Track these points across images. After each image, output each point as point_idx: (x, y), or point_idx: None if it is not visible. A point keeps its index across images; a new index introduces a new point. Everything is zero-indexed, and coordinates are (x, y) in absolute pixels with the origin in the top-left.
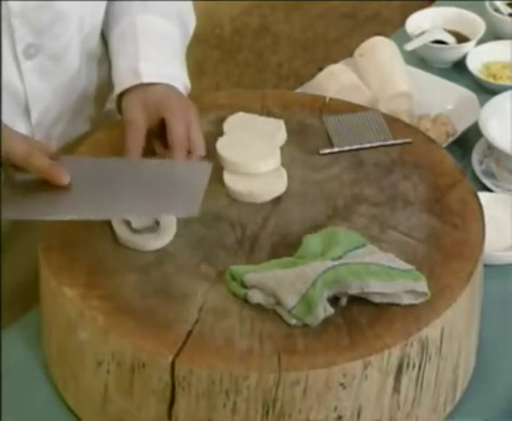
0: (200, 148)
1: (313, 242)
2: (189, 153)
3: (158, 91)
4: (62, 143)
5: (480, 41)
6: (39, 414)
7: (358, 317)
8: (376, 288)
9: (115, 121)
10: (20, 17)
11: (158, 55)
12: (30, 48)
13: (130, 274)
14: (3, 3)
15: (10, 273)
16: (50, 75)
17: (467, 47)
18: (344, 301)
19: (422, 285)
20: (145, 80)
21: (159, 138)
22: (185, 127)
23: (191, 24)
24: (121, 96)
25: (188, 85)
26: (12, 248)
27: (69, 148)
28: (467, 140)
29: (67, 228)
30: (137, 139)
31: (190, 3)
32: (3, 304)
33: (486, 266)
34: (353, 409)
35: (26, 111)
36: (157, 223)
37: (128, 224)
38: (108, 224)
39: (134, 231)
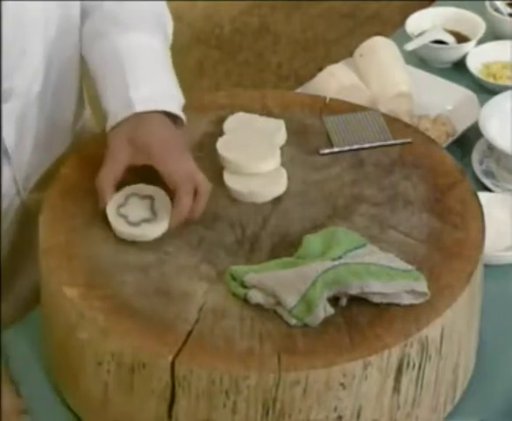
0: (205, 184)
1: (313, 242)
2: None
3: (148, 131)
4: (40, 175)
5: (480, 41)
6: (39, 414)
7: (358, 317)
8: (376, 288)
9: (85, 140)
10: None
11: (147, 78)
12: (5, 93)
13: (130, 274)
14: None
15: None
16: (24, 111)
17: (467, 47)
18: (344, 301)
19: (422, 285)
20: (139, 109)
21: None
22: (183, 169)
23: (169, 27)
24: None
25: (182, 100)
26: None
27: (46, 177)
28: (467, 140)
29: (68, 228)
30: (112, 172)
31: (164, 3)
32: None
33: (486, 266)
34: (353, 409)
35: (6, 155)
36: (154, 214)
37: (125, 217)
38: (108, 224)
39: (131, 224)
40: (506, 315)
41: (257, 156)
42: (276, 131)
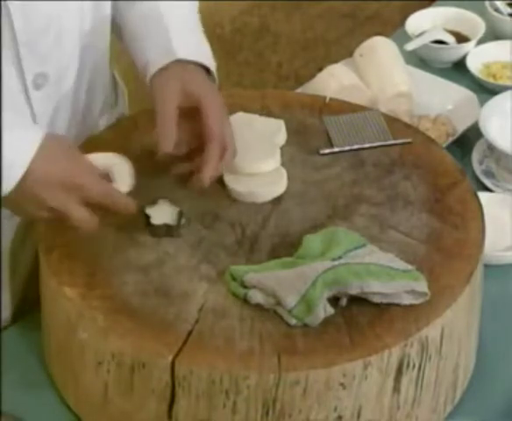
0: (233, 145)
1: (313, 242)
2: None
3: (197, 80)
4: None
5: (480, 41)
6: (39, 414)
7: (358, 317)
8: (376, 288)
9: (115, 123)
10: (27, 46)
11: (188, 32)
12: (38, 78)
13: (130, 274)
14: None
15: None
16: (57, 102)
17: (467, 47)
18: (344, 301)
19: (422, 285)
20: (180, 56)
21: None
22: (221, 124)
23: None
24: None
25: (214, 63)
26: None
27: None
28: (467, 140)
29: (68, 229)
30: (171, 113)
31: None
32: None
33: (486, 266)
34: (353, 409)
35: None
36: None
37: None
38: (108, 224)
39: None
40: (506, 315)
41: (257, 156)
42: (276, 131)
